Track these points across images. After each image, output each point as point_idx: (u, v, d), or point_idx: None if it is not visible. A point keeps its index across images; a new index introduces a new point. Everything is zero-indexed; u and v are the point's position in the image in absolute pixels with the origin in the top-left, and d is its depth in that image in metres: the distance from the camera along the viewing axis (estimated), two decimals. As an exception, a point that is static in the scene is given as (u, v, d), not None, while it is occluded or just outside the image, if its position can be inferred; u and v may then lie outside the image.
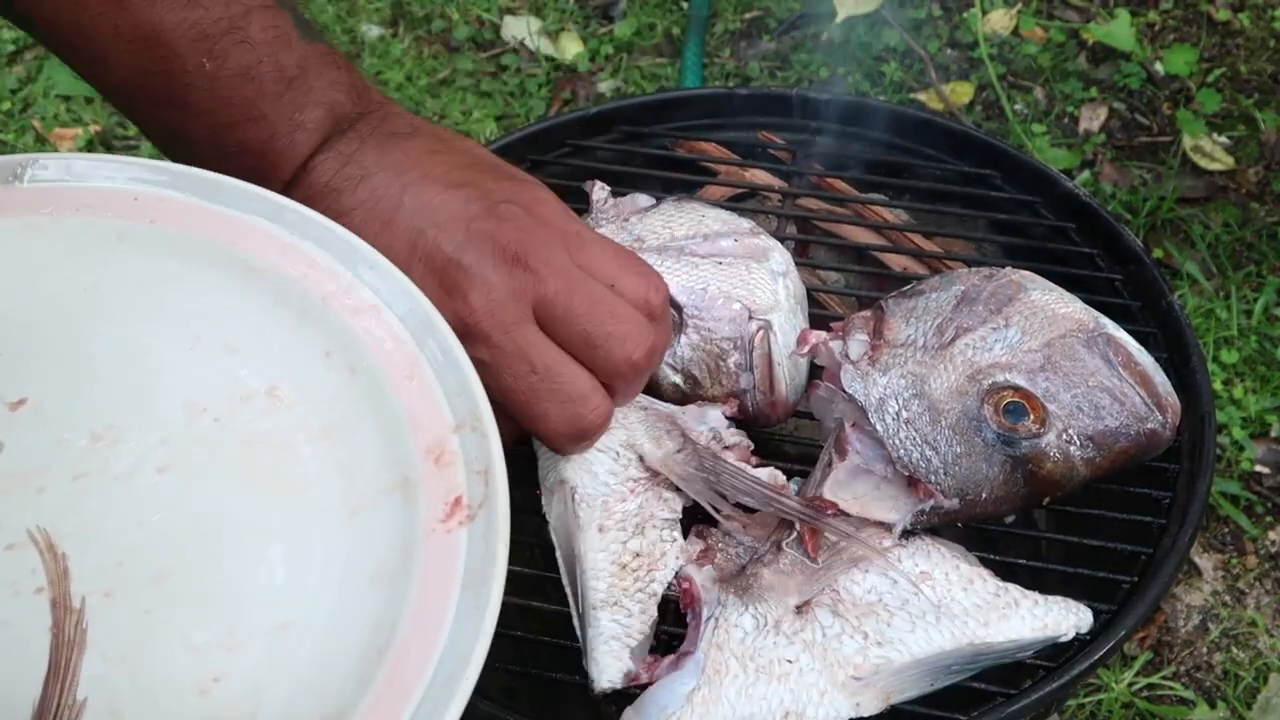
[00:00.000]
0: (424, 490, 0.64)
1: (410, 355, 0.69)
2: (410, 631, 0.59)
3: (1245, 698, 1.40)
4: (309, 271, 0.72)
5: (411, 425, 0.66)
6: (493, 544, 0.63)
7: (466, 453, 0.66)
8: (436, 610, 0.60)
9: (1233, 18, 2.05)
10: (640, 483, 0.93)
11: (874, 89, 1.98)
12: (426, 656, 0.59)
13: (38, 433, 0.67)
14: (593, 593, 0.88)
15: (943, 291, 1.00)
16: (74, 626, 0.58)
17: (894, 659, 0.86)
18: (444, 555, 0.62)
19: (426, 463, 0.65)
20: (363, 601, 0.61)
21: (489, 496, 0.64)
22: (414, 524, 0.63)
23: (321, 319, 0.70)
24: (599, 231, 1.06)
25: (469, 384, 0.68)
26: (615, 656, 0.85)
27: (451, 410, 0.67)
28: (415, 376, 0.68)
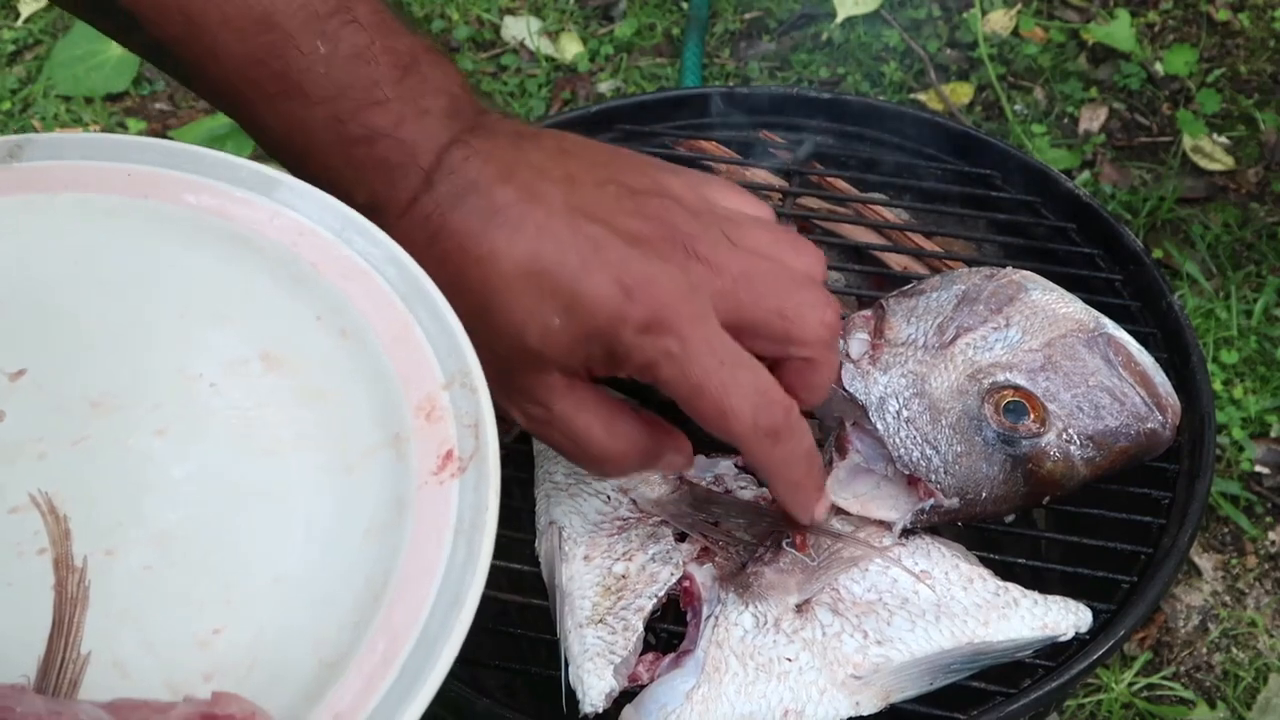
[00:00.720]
0: (415, 445, 0.65)
1: (401, 317, 0.70)
2: (404, 579, 0.61)
3: (1245, 698, 1.40)
4: (299, 239, 0.73)
5: (402, 383, 0.68)
6: (484, 493, 0.63)
7: (457, 408, 0.66)
8: (429, 558, 0.61)
9: (1233, 18, 2.05)
10: (630, 521, 0.93)
11: (874, 89, 1.98)
12: (420, 602, 0.60)
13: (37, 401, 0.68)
14: (578, 612, 0.88)
15: (943, 291, 1.00)
16: (76, 584, 0.60)
17: (893, 658, 0.86)
18: (437, 505, 0.63)
19: (417, 419, 0.66)
20: (357, 553, 0.62)
21: (479, 449, 0.65)
22: (406, 477, 0.65)
23: (312, 285, 0.72)
24: None
25: (458, 343, 0.69)
26: (599, 675, 0.85)
27: (442, 368, 0.68)
28: (406, 337, 0.69)
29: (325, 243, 0.73)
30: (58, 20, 2.13)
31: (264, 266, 0.73)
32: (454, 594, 0.60)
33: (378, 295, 0.71)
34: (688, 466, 0.87)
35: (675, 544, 0.92)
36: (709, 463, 0.98)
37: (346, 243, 0.73)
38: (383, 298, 0.71)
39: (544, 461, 0.99)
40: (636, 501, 0.94)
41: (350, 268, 0.72)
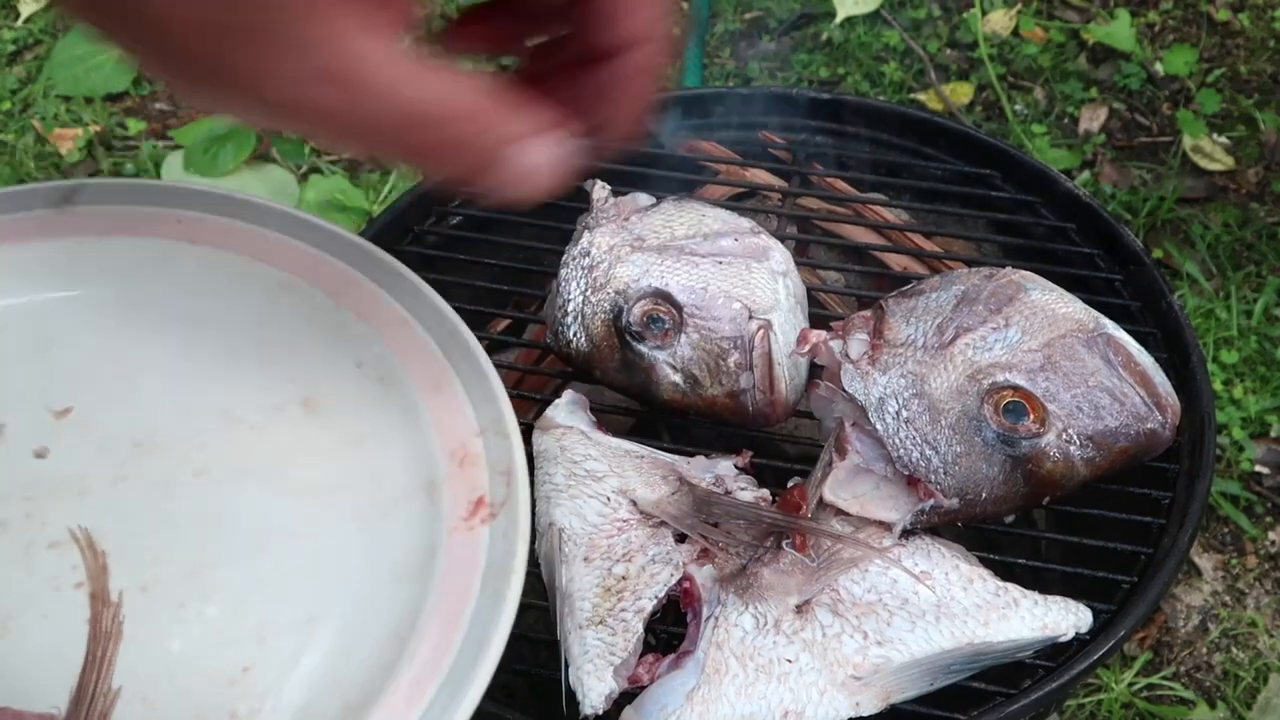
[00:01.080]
0: (448, 490, 0.67)
1: (438, 365, 0.72)
2: (431, 624, 0.62)
3: (1245, 698, 1.40)
4: (344, 287, 0.75)
5: (437, 430, 0.70)
6: (513, 540, 0.65)
7: (489, 454, 0.68)
8: (457, 603, 0.63)
9: (1233, 18, 2.05)
10: (630, 522, 0.93)
11: (874, 89, 1.98)
12: (445, 648, 0.61)
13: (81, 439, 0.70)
14: (578, 613, 0.88)
15: (943, 291, 1.00)
16: (111, 619, 0.61)
17: (894, 658, 0.86)
18: (466, 551, 0.65)
19: (451, 465, 0.68)
20: (386, 596, 0.64)
21: (510, 495, 0.67)
22: (438, 522, 0.66)
23: (355, 332, 0.74)
24: (600, 229, 1.04)
25: (493, 391, 0.70)
26: (598, 676, 0.85)
27: (476, 415, 0.70)
28: (442, 385, 0.71)
29: (369, 292, 0.75)
30: (58, 20, 2.13)
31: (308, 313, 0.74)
32: (480, 639, 0.62)
33: (417, 344, 0.73)
34: (576, 157, 0.60)
35: (675, 545, 0.92)
36: (709, 463, 0.98)
37: (388, 291, 0.75)
38: (422, 346, 0.73)
39: (544, 463, 0.99)
40: (636, 503, 0.94)
41: (392, 316, 0.74)
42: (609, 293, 1.03)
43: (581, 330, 1.03)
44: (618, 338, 1.02)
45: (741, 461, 0.98)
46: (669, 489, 0.95)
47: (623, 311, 1.02)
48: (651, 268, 1.04)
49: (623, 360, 1.02)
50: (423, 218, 1.24)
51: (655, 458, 0.98)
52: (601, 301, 1.03)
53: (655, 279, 1.03)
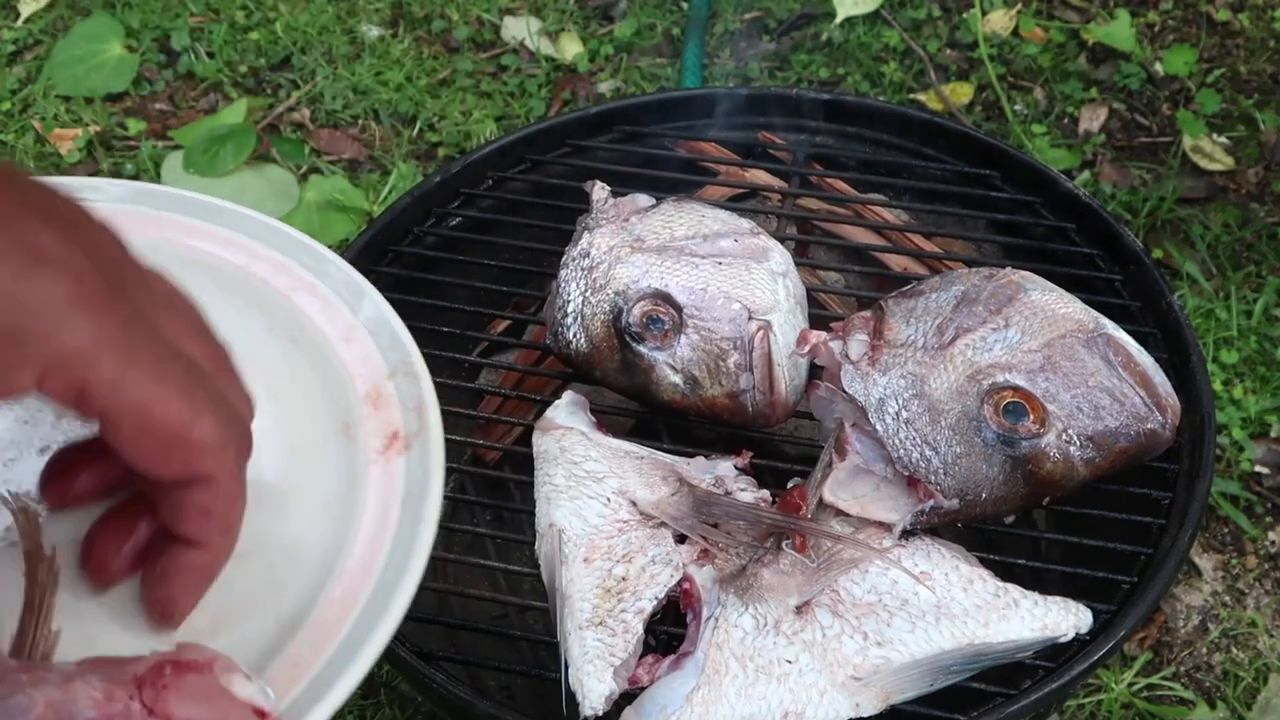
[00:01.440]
0: (364, 430, 0.72)
1: (346, 320, 0.77)
2: (357, 546, 0.67)
3: (1245, 698, 1.40)
4: (250, 260, 0.80)
5: (350, 378, 0.75)
6: (428, 467, 0.70)
7: (401, 393, 0.73)
8: (379, 526, 0.68)
9: (1233, 18, 2.05)
10: (630, 524, 0.93)
11: (874, 89, 1.98)
12: (371, 564, 0.66)
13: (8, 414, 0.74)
14: (578, 614, 0.88)
15: (943, 292, 1.00)
16: (46, 571, 0.63)
17: (894, 659, 0.86)
18: (385, 479, 0.70)
19: (365, 406, 0.73)
20: (311, 528, 0.69)
21: (423, 427, 0.71)
22: (356, 458, 0.71)
23: (264, 300, 0.78)
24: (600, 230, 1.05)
25: (400, 338, 0.76)
26: (598, 678, 0.85)
27: (385, 360, 0.75)
28: (351, 337, 0.76)
29: (275, 262, 0.80)
30: (58, 20, 2.13)
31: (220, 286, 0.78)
32: (403, 556, 0.66)
33: (325, 304, 0.78)
34: None
35: (675, 546, 0.92)
36: (709, 464, 0.98)
37: (293, 259, 0.80)
38: (329, 304, 0.78)
39: (543, 464, 0.99)
40: (636, 504, 0.94)
41: (298, 281, 0.79)
42: (609, 294, 1.03)
43: (581, 331, 1.03)
44: (617, 339, 1.02)
45: (741, 462, 0.98)
46: (669, 490, 0.95)
47: (622, 312, 1.02)
48: (651, 268, 1.04)
49: (622, 361, 1.02)
50: (422, 219, 1.24)
51: (655, 458, 0.98)
52: (601, 302, 1.03)
53: (655, 280, 1.03)
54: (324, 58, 2.08)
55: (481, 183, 1.27)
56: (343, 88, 2.03)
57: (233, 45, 2.11)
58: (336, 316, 0.78)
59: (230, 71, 2.07)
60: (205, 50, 2.10)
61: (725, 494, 0.94)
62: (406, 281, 1.20)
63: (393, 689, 1.41)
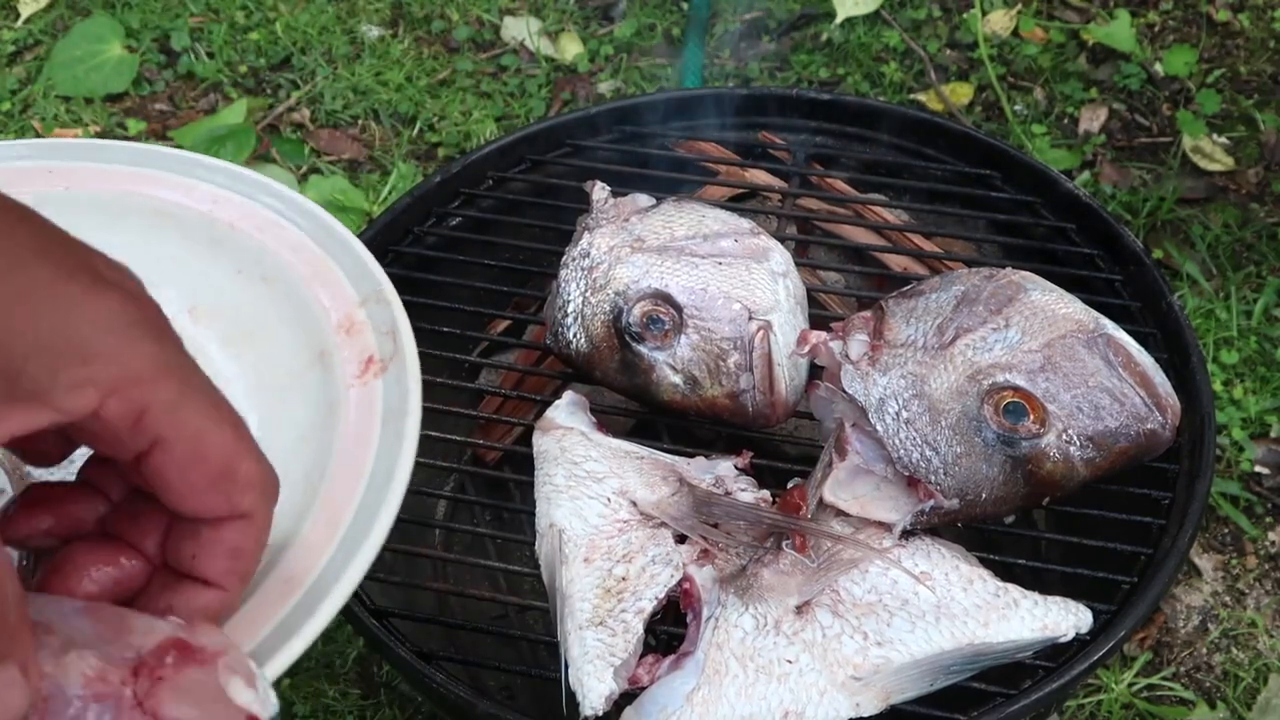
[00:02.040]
0: (339, 357, 0.73)
1: (315, 256, 0.78)
2: (339, 467, 0.68)
3: (1245, 698, 1.40)
4: (214, 206, 0.81)
5: (321, 310, 0.76)
6: (405, 385, 0.70)
7: (373, 319, 0.74)
8: (361, 445, 0.69)
9: (1232, 18, 2.05)
10: (630, 523, 0.93)
11: (874, 89, 1.98)
12: (355, 482, 0.67)
13: None
14: (579, 614, 0.88)
15: (943, 292, 1.00)
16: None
17: (894, 659, 0.86)
18: (364, 401, 0.71)
19: (339, 335, 0.74)
20: (294, 455, 0.69)
21: (398, 350, 0.72)
22: (334, 384, 0.72)
23: (231, 243, 0.79)
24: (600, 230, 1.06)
25: (369, 268, 0.77)
26: (598, 678, 0.85)
27: (356, 290, 0.76)
28: (322, 272, 0.77)
29: (239, 205, 0.81)
30: (58, 21, 2.13)
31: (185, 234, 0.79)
32: (386, 471, 0.67)
33: (293, 241, 0.79)
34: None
35: (675, 546, 0.92)
36: (709, 464, 0.98)
37: (258, 202, 0.81)
38: (297, 242, 0.79)
39: (544, 464, 0.99)
40: (636, 504, 0.94)
41: (264, 222, 0.80)
42: (609, 294, 1.03)
43: (581, 331, 1.03)
44: (617, 339, 1.02)
45: (742, 462, 0.98)
46: (669, 490, 0.95)
47: (623, 312, 1.02)
48: (651, 269, 1.04)
49: (622, 361, 1.02)
50: (423, 219, 1.24)
51: (655, 458, 0.98)
52: (601, 302, 1.03)
53: (655, 280, 1.03)
54: (324, 58, 2.08)
55: (481, 183, 1.27)
56: (343, 88, 2.03)
57: (233, 45, 2.11)
58: (305, 252, 0.78)
59: (230, 72, 2.07)
60: (205, 50, 2.10)
61: (725, 494, 0.94)
62: (406, 281, 1.19)
63: (393, 689, 1.41)
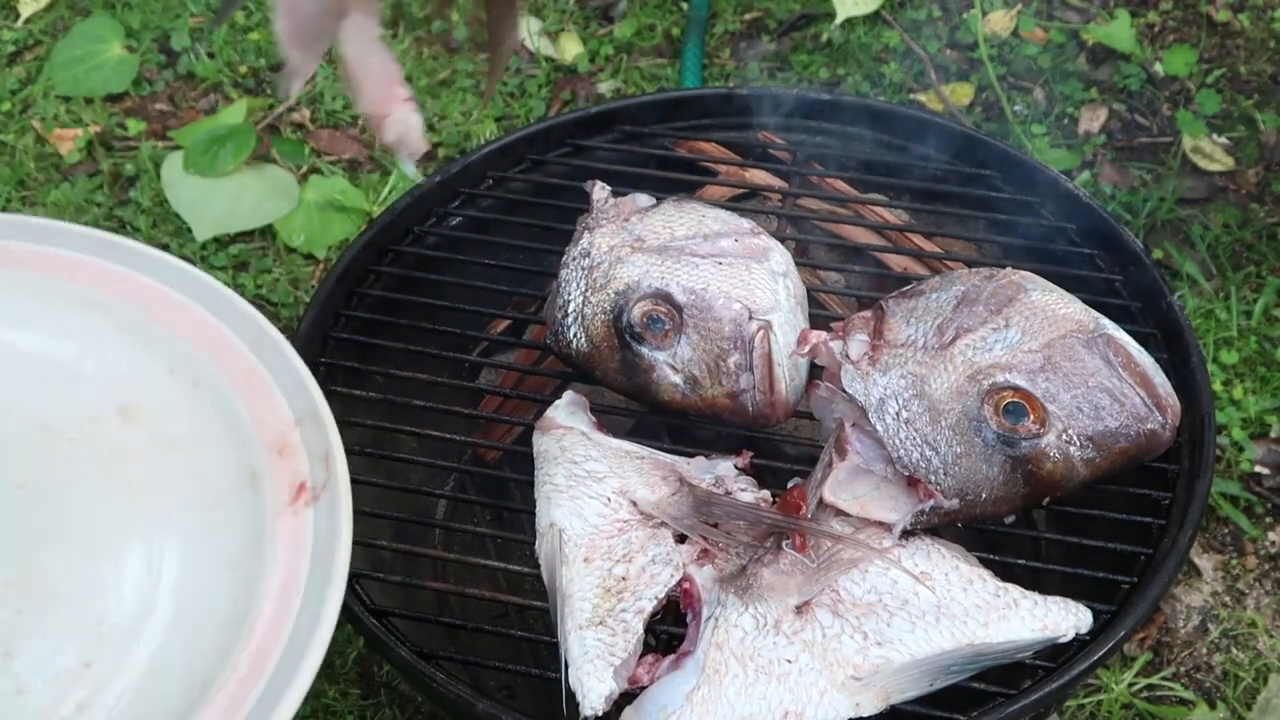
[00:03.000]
0: (270, 480, 0.72)
1: (248, 364, 0.76)
2: (265, 604, 0.67)
3: (1245, 698, 1.40)
4: (149, 299, 0.79)
5: (254, 424, 0.74)
6: (337, 519, 0.69)
7: (307, 442, 0.73)
8: (289, 582, 0.67)
9: (1233, 19, 2.05)
10: (630, 523, 0.93)
11: (874, 90, 1.98)
12: (281, 623, 0.66)
13: None
14: (578, 613, 0.88)
15: (943, 292, 1.00)
16: None
17: (894, 659, 0.86)
18: (293, 534, 0.69)
19: (270, 455, 0.73)
20: (220, 583, 0.68)
21: (330, 479, 0.71)
22: (263, 510, 0.71)
23: (164, 341, 0.77)
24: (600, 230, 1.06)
25: (305, 383, 0.75)
26: (598, 677, 0.85)
27: (291, 407, 0.74)
28: (254, 382, 0.75)
29: (173, 301, 0.79)
30: (58, 21, 2.13)
31: (117, 326, 0.77)
32: (313, 613, 0.65)
33: (226, 345, 0.77)
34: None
35: (675, 546, 0.92)
36: (709, 464, 0.98)
37: (193, 298, 0.79)
38: (230, 347, 0.77)
39: (544, 464, 0.99)
40: (637, 503, 0.94)
41: (198, 321, 0.78)
42: (609, 293, 1.03)
43: (581, 331, 1.03)
44: (618, 338, 1.02)
45: (742, 462, 0.98)
46: (669, 490, 0.95)
47: (623, 312, 1.02)
48: (652, 268, 1.04)
49: (623, 361, 1.02)
50: (422, 218, 1.24)
51: (656, 458, 0.98)
52: (602, 302, 1.03)
53: (655, 280, 1.03)
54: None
55: (481, 182, 1.27)
56: (343, 88, 2.03)
57: (233, 45, 2.11)
58: (238, 359, 0.77)
59: (230, 72, 2.08)
60: (205, 50, 2.10)
61: (725, 494, 0.94)
62: (406, 281, 1.20)
63: (393, 689, 1.41)
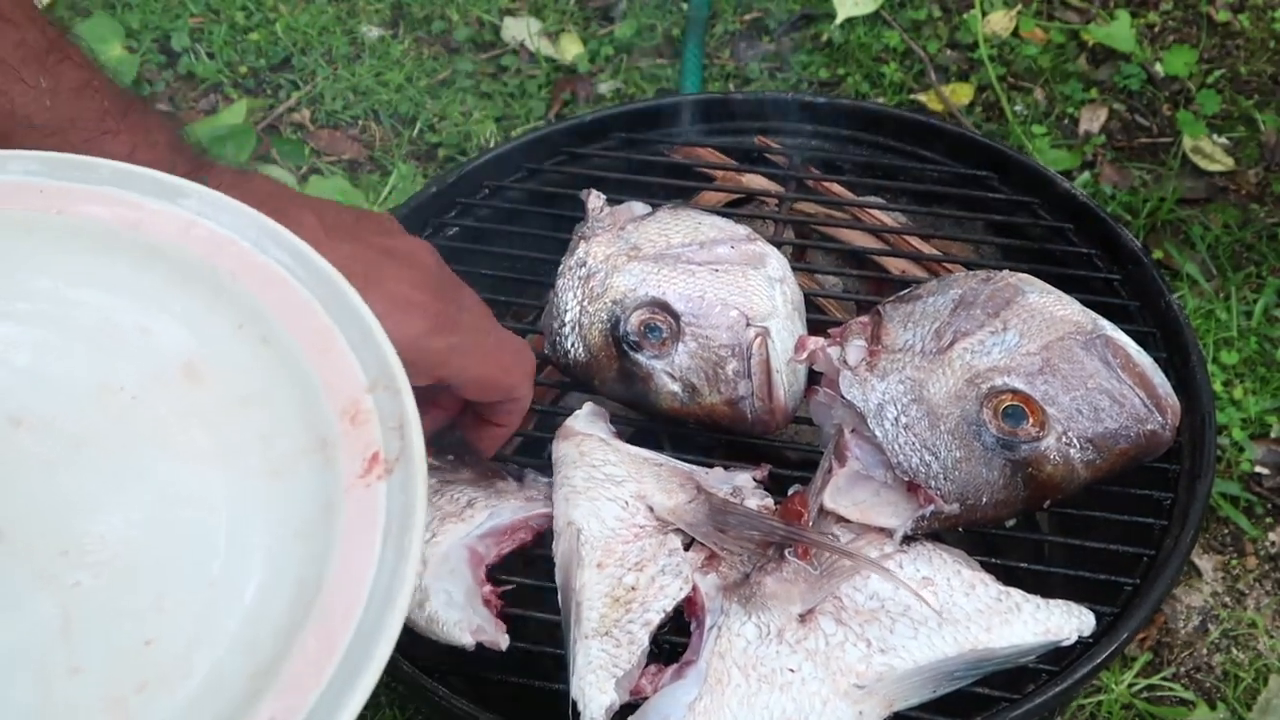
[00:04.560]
0: (342, 449, 0.66)
1: (321, 323, 0.70)
2: (335, 583, 0.62)
3: (1245, 699, 1.40)
4: (215, 249, 0.73)
5: (325, 389, 0.68)
6: (411, 494, 0.64)
7: (381, 410, 0.67)
8: (360, 561, 0.62)
9: (1233, 19, 2.04)
10: (645, 529, 0.93)
11: (874, 90, 1.98)
12: (351, 606, 0.61)
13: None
14: (585, 622, 0.88)
15: (940, 296, 0.99)
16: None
17: (897, 666, 0.86)
18: (365, 508, 0.64)
19: (343, 423, 0.67)
20: (287, 557, 0.63)
21: (405, 450, 0.66)
22: (334, 481, 0.65)
23: (231, 294, 0.72)
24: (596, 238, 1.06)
25: (380, 346, 0.69)
26: (600, 688, 0.85)
27: (364, 371, 0.68)
28: (327, 343, 0.70)
29: (242, 252, 0.73)
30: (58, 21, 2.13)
31: (181, 277, 0.72)
32: (385, 594, 0.61)
33: (297, 303, 0.71)
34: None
35: (685, 555, 0.92)
36: (727, 475, 0.98)
37: (263, 251, 0.73)
38: (303, 305, 0.71)
39: (563, 467, 0.98)
40: (653, 509, 0.94)
41: (269, 276, 0.72)
42: (606, 302, 1.03)
43: (579, 340, 1.03)
44: (615, 347, 1.02)
45: (760, 474, 0.98)
46: (686, 497, 0.95)
47: (620, 321, 1.02)
48: (648, 276, 1.03)
49: (620, 370, 1.02)
50: (419, 229, 1.23)
51: (674, 466, 0.98)
52: (599, 311, 1.03)
53: (652, 288, 1.03)
54: (324, 58, 2.08)
55: (478, 192, 1.27)
56: (343, 88, 2.03)
57: (233, 46, 2.10)
58: (310, 319, 0.71)
59: (230, 72, 2.07)
60: (205, 51, 2.10)
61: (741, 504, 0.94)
62: (406, 287, 1.20)
63: (393, 690, 1.41)
